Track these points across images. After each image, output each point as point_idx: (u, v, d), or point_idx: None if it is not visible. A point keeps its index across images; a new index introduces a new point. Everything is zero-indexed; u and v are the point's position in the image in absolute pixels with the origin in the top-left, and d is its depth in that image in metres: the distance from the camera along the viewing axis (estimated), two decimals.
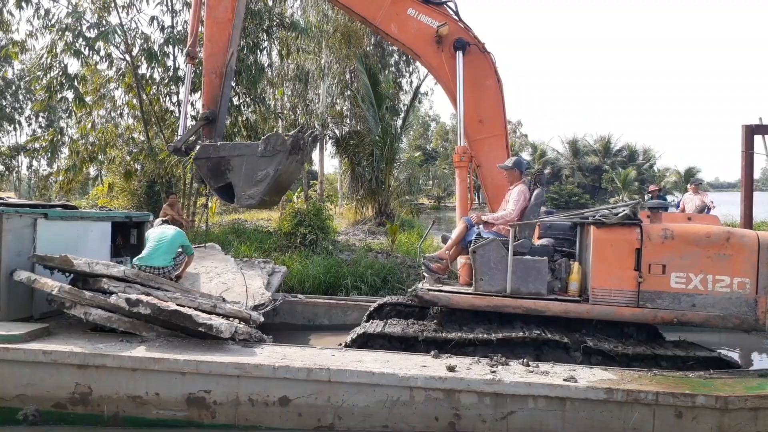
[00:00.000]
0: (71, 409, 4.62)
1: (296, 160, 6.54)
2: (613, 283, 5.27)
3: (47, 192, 16.89)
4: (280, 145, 6.31)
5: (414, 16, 7.03)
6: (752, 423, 4.28)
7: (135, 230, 7.31)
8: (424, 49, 7.12)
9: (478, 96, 6.98)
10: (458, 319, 5.72)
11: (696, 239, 5.17)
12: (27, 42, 14.44)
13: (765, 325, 4.93)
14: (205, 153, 6.64)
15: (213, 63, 7.08)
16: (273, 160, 6.32)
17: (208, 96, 7.10)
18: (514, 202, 5.98)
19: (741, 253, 5.07)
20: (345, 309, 7.97)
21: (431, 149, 44.98)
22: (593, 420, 4.36)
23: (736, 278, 5.07)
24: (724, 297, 5.10)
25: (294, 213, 12.68)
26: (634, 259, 5.22)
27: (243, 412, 4.58)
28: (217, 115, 7.03)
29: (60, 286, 4.97)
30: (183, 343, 5.00)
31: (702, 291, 5.13)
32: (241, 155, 6.47)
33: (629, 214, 5.23)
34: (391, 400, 4.50)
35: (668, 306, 5.18)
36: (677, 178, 40.01)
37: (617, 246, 5.28)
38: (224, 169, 6.56)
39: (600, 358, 5.11)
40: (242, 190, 6.47)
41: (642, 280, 5.18)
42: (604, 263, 5.32)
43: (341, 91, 21.74)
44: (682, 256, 5.17)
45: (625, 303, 5.22)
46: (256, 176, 6.37)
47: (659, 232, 5.22)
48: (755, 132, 9.80)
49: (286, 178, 6.67)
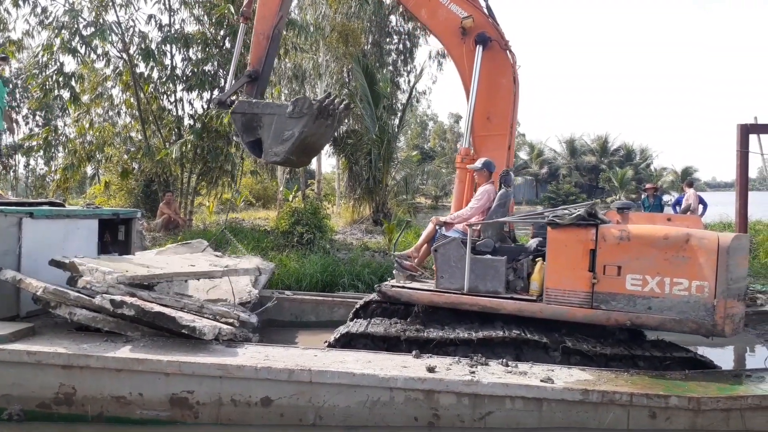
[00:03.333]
0: (55, 410, 4.67)
1: (325, 124, 6.93)
2: (567, 284, 5.21)
3: (44, 191, 16.96)
4: (306, 108, 6.63)
5: (445, 3, 7.11)
6: (724, 423, 4.34)
7: (123, 227, 7.34)
8: (449, 39, 7.22)
9: (490, 92, 7.02)
10: (440, 318, 5.79)
11: (653, 241, 4.99)
12: (24, 41, 14.53)
13: (723, 331, 4.73)
14: (242, 108, 7.17)
15: (263, 25, 7.54)
16: (299, 122, 6.63)
17: (254, 56, 7.62)
18: (475, 201, 6.17)
19: (700, 256, 4.82)
20: (332, 306, 8.03)
21: (429, 148, 45.00)
22: (569, 420, 4.43)
23: (695, 281, 4.83)
24: (682, 300, 4.88)
25: (291, 212, 12.73)
26: (588, 260, 5.13)
27: (226, 413, 4.64)
28: (260, 74, 7.52)
29: (45, 286, 5.02)
30: (167, 343, 5.05)
31: (658, 294, 4.94)
32: (272, 114, 6.91)
33: (583, 214, 5.17)
34: (371, 400, 4.56)
35: (623, 308, 5.03)
36: (674, 177, 40.02)
37: (571, 246, 5.22)
38: (256, 125, 7.06)
39: (579, 357, 5.15)
40: (269, 147, 6.90)
41: (596, 281, 5.08)
42: (558, 263, 5.28)
43: (338, 90, 21.76)
44: (638, 257, 5.01)
45: (579, 304, 5.15)
46: (282, 135, 6.74)
47: (615, 233, 5.10)
48: (750, 131, 9.83)
49: (313, 140, 7.03)
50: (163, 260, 6.81)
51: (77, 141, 14.89)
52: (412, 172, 21.64)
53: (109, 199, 16.14)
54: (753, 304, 8.72)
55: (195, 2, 14.38)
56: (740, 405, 4.39)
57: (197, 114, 14.85)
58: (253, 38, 7.70)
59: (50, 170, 16.07)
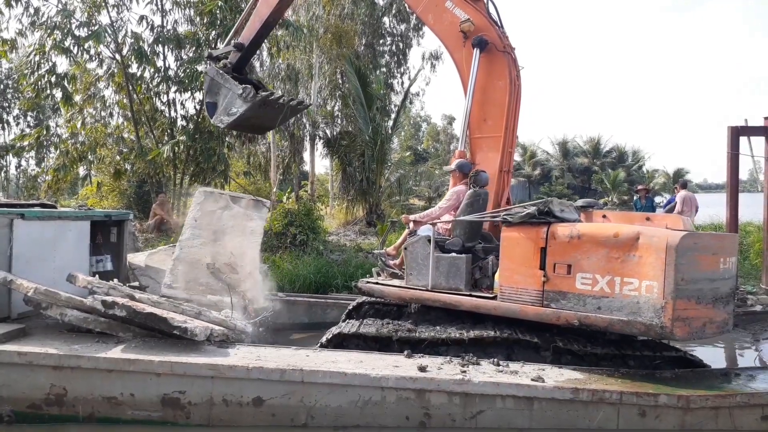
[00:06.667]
0: (46, 410, 4.66)
1: (269, 113, 8.29)
2: (520, 282, 5.19)
3: (36, 192, 16.87)
4: (251, 97, 7.81)
5: (450, 8, 7.21)
6: (713, 421, 4.38)
7: (115, 228, 7.33)
8: (451, 42, 7.31)
9: (487, 95, 7.09)
10: (432, 318, 5.82)
11: (603, 239, 4.79)
12: (16, 41, 14.45)
13: (673, 333, 4.45)
14: (211, 73, 8.30)
15: (264, 7, 8.25)
16: (244, 105, 7.87)
17: (246, 32, 8.51)
18: (444, 201, 6.39)
19: (649, 255, 4.55)
20: (324, 307, 8.05)
21: (422, 150, 45.04)
22: (560, 419, 4.45)
23: (645, 281, 4.56)
24: (632, 301, 4.62)
25: (285, 213, 12.70)
26: (539, 258, 5.09)
27: (217, 413, 4.64)
28: (243, 48, 8.44)
29: (36, 287, 5.01)
30: (159, 343, 5.05)
31: (608, 293, 4.72)
32: (228, 89, 8.03)
33: (533, 212, 5.16)
34: (363, 400, 4.57)
35: (572, 307, 4.89)
36: (666, 179, 40.16)
37: (523, 245, 5.20)
38: (216, 91, 8.21)
39: (570, 357, 5.18)
40: (219, 114, 8.17)
41: (546, 279, 5.04)
42: (511, 261, 5.28)
43: (332, 91, 21.77)
44: (588, 256, 4.83)
45: (531, 302, 5.12)
46: (230, 109, 8.02)
47: (565, 232, 4.99)
48: (741, 133, 9.89)
49: (257, 122, 8.71)
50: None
51: (69, 142, 14.82)
52: (405, 174, 21.61)
53: (101, 200, 16.05)
54: (743, 304, 8.81)
55: (187, 3, 14.37)
56: (729, 403, 4.43)
57: (190, 115, 14.83)
58: (252, 16, 8.49)
59: (42, 171, 15.95)
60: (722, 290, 4.74)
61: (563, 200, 5.79)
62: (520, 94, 7.22)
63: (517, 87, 7.14)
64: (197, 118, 14.39)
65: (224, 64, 8.38)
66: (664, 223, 5.29)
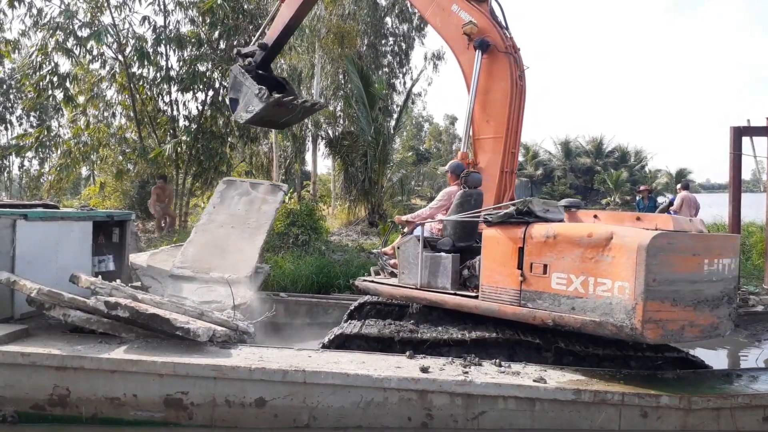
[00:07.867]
0: (49, 411, 4.67)
1: (283, 113, 9.03)
2: (499, 281, 5.20)
3: (38, 192, 16.92)
4: (265, 99, 8.51)
5: (456, 11, 7.28)
6: (714, 422, 4.38)
7: (117, 229, 7.34)
8: (456, 45, 7.38)
9: (489, 96, 7.14)
10: (434, 319, 5.83)
11: (578, 239, 4.74)
12: (20, 41, 14.50)
13: (643, 336, 4.33)
14: (235, 71, 9.00)
15: (287, 10, 8.90)
16: (260, 104, 8.55)
17: (270, 32, 9.33)
18: (436, 201, 6.49)
19: (622, 255, 4.47)
20: (326, 307, 8.06)
21: (424, 150, 45.03)
22: (562, 420, 4.45)
23: (618, 282, 4.46)
24: (605, 301, 4.54)
25: (287, 213, 12.72)
26: (517, 258, 5.09)
27: (220, 414, 4.64)
28: (267, 48, 9.25)
29: (39, 288, 5.02)
30: (162, 344, 5.06)
31: (582, 294, 4.66)
32: (248, 88, 8.72)
33: (512, 212, 5.17)
34: (365, 400, 4.57)
35: (547, 307, 4.86)
36: (668, 179, 40.04)
37: (502, 244, 5.21)
38: (238, 89, 8.91)
39: (572, 358, 5.18)
40: (239, 110, 8.90)
41: (523, 279, 5.03)
42: (491, 261, 5.29)
43: (334, 91, 21.79)
44: (563, 256, 4.79)
45: (509, 301, 5.12)
46: (248, 107, 8.72)
47: (541, 231, 4.97)
48: (743, 134, 9.89)
49: (273, 119, 9.48)
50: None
51: (72, 142, 14.86)
52: (407, 174, 21.61)
53: (103, 200, 16.11)
54: (744, 305, 8.80)
55: (189, 3, 14.40)
56: (731, 404, 4.42)
57: (192, 115, 14.86)
58: (276, 18, 9.27)
59: (41, 171, 15.98)
60: (708, 293, 4.58)
61: (548, 200, 5.75)
62: (523, 95, 7.22)
63: (520, 88, 7.13)
64: (199, 118, 14.42)
65: (249, 62, 9.14)
66: (654, 223, 5.22)
